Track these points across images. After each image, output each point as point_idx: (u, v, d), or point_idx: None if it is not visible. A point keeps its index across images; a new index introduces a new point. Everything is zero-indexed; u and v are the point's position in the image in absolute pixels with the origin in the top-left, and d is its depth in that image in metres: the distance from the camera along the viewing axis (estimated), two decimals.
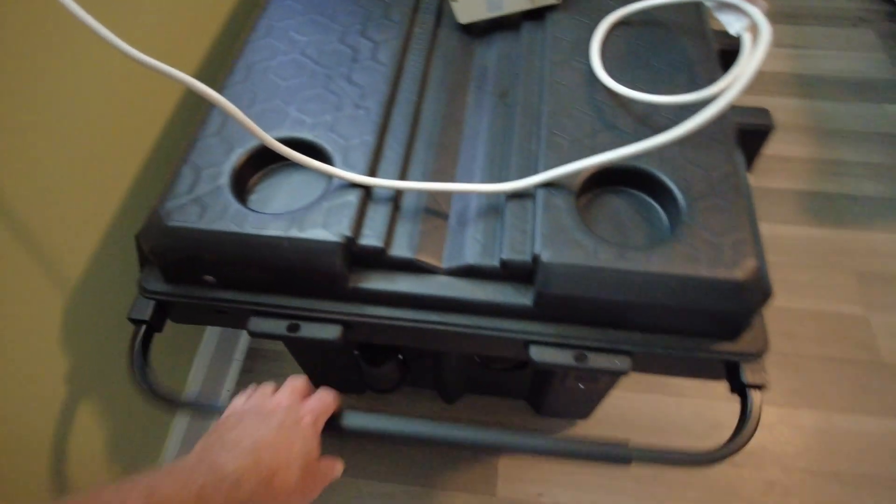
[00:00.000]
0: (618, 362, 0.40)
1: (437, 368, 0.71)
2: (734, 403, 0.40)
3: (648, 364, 0.42)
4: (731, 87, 0.44)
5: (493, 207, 0.45)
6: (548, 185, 0.43)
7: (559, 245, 0.40)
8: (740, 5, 0.48)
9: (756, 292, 0.39)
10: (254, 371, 0.85)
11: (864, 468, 0.77)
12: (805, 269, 0.93)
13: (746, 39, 0.47)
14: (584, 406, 0.76)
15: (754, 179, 1.03)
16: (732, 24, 0.49)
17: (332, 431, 0.40)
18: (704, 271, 0.38)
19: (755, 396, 0.40)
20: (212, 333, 0.78)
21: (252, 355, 0.86)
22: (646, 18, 0.55)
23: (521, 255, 0.41)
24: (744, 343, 0.41)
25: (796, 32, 1.27)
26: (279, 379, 0.40)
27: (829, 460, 0.78)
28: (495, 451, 0.78)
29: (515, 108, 0.51)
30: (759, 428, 0.82)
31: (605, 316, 0.41)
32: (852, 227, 0.97)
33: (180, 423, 0.70)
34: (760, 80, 1.18)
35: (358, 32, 0.55)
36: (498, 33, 0.59)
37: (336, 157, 0.46)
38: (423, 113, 0.51)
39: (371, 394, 0.82)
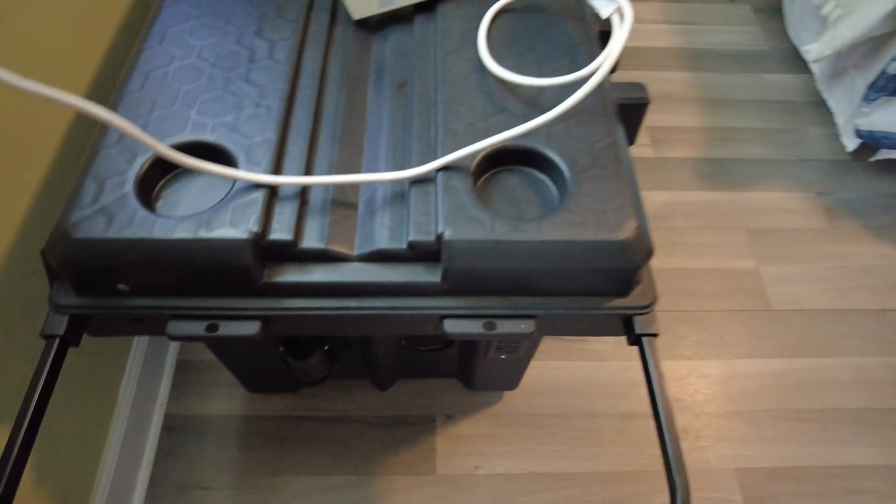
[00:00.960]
0: (523, 326, 0.44)
1: (366, 356, 0.73)
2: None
3: (553, 326, 0.46)
4: (601, 67, 0.49)
5: (399, 194, 0.47)
6: (446, 168, 0.46)
7: (460, 223, 0.43)
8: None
9: (639, 250, 0.44)
10: (187, 383, 0.84)
11: (764, 405, 0.86)
12: (703, 231, 1.01)
13: (615, 22, 0.52)
14: (511, 377, 0.81)
15: (655, 150, 1.11)
16: (602, 10, 0.53)
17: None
18: (591, 235, 0.43)
19: (650, 343, 0.44)
20: (138, 349, 0.77)
21: (183, 367, 0.86)
22: (530, 4, 0.59)
23: (427, 236, 0.44)
24: (634, 298, 0.45)
25: (683, 10, 1.37)
26: (213, 389, 0.41)
27: (733, 402, 0.86)
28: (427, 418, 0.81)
29: (413, 98, 0.53)
30: (671, 381, 0.89)
31: (508, 284, 0.44)
32: (741, 188, 1.07)
33: (115, 437, 0.70)
34: (655, 56, 1.27)
35: (254, 33, 0.56)
36: (392, 27, 0.61)
37: (240, 156, 0.47)
38: (324, 107, 0.53)
39: (306, 391, 0.84)
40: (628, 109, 0.54)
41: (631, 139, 0.57)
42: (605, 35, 0.59)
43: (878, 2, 0.94)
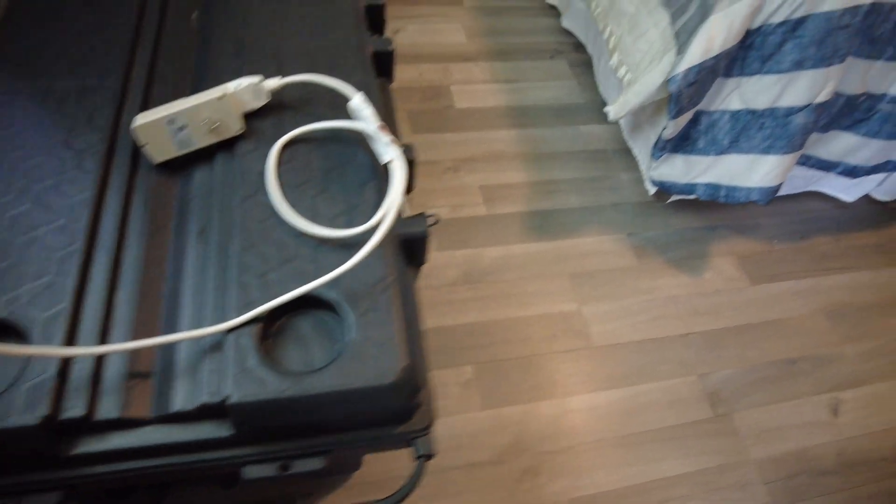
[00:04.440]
0: (316, 462, 0.48)
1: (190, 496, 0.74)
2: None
3: (346, 455, 0.50)
4: (382, 223, 0.53)
5: (194, 353, 0.49)
6: (238, 326, 0.49)
7: (245, 384, 0.46)
8: (379, 142, 0.57)
9: (409, 389, 0.48)
10: None
11: (593, 436, 0.96)
12: (532, 280, 1.10)
13: (392, 170, 0.57)
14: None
15: (487, 208, 1.19)
16: (382, 156, 0.58)
17: None
18: (365, 382, 0.47)
19: (425, 464, 0.50)
20: None
21: None
22: (324, 137, 0.63)
23: (216, 398, 0.46)
24: (414, 422, 0.50)
25: (509, 68, 1.47)
26: None
27: (567, 437, 0.95)
28: None
29: (211, 246, 0.55)
30: (510, 425, 0.95)
31: (298, 430, 0.48)
32: (565, 236, 1.17)
33: None
34: (486, 116, 1.35)
35: (51, 188, 0.56)
36: (196, 167, 0.63)
37: (32, 330, 0.47)
38: (123, 263, 0.54)
39: None
40: (411, 241, 0.59)
41: (419, 261, 0.62)
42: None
43: (654, 72, 1.07)
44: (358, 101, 0.62)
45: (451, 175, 1.24)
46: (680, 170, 1.09)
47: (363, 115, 0.61)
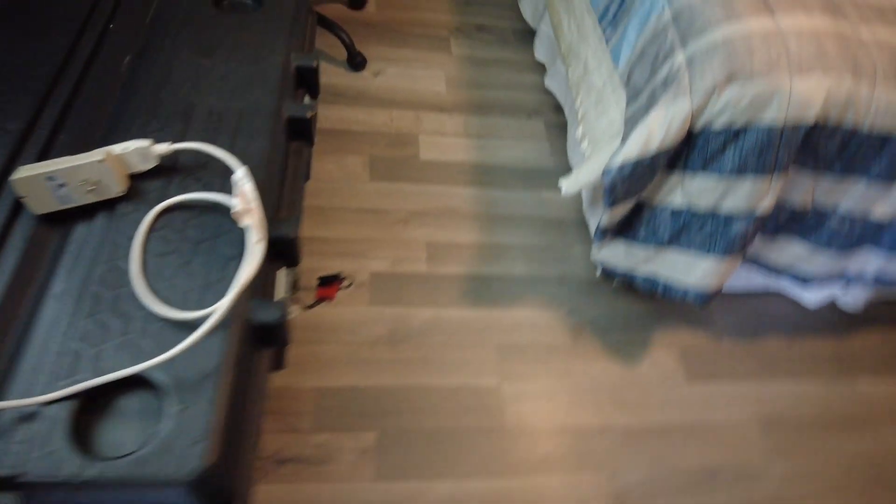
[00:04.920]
0: None
1: None
2: None
3: None
4: (216, 311, 0.54)
5: (12, 420, 0.51)
6: (57, 400, 0.50)
7: (43, 462, 0.47)
8: (244, 225, 0.59)
9: (213, 491, 0.49)
10: None
11: None
12: (458, 348, 1.10)
13: (246, 255, 0.58)
14: None
15: (429, 266, 1.20)
16: (249, 239, 0.59)
17: None
18: (161, 476, 0.48)
19: None
20: None
21: None
22: (205, 206, 0.64)
23: (12, 471, 0.47)
24: None
25: (483, 124, 1.48)
26: None
27: None
28: None
29: (65, 307, 0.57)
30: (399, 502, 0.95)
31: None
32: (501, 305, 1.17)
33: None
34: (449, 170, 1.37)
35: None
36: (77, 223, 0.64)
37: None
38: None
39: None
40: (260, 329, 0.60)
41: (278, 345, 0.63)
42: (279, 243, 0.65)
43: (603, 154, 1.07)
44: (239, 175, 0.63)
45: (401, 227, 1.25)
46: (621, 256, 1.08)
47: (240, 191, 0.62)
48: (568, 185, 1.14)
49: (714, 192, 0.94)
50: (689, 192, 0.96)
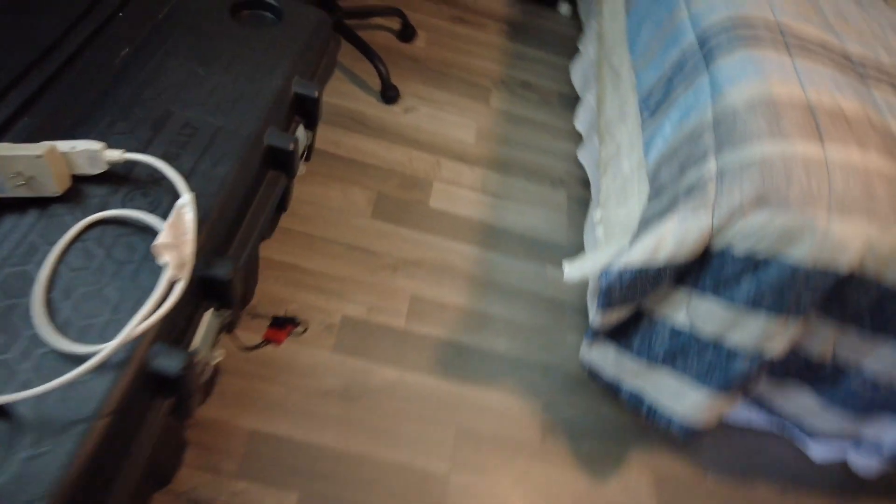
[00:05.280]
0: None
1: None
2: None
3: None
4: (101, 352, 0.48)
5: None
6: None
7: None
8: (162, 262, 0.53)
9: None
10: None
11: None
12: (414, 421, 1.02)
13: (155, 292, 0.52)
14: None
15: (407, 322, 1.13)
16: (162, 277, 0.54)
17: None
18: None
19: None
20: None
21: None
22: (143, 226, 0.59)
23: None
24: None
25: (503, 182, 1.42)
26: None
27: None
28: None
29: None
30: None
31: None
32: (473, 382, 1.09)
33: None
34: (454, 223, 1.31)
35: None
36: (8, 214, 0.60)
37: None
38: None
39: None
40: (168, 379, 0.54)
41: (185, 414, 0.57)
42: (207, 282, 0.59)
43: (614, 246, 0.99)
44: (181, 203, 0.58)
45: (388, 273, 1.18)
46: (610, 362, 1.00)
47: (174, 220, 0.57)
48: (571, 270, 1.07)
49: (721, 321, 0.85)
50: (695, 313, 0.88)
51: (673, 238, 0.81)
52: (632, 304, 0.90)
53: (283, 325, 1.00)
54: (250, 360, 1.01)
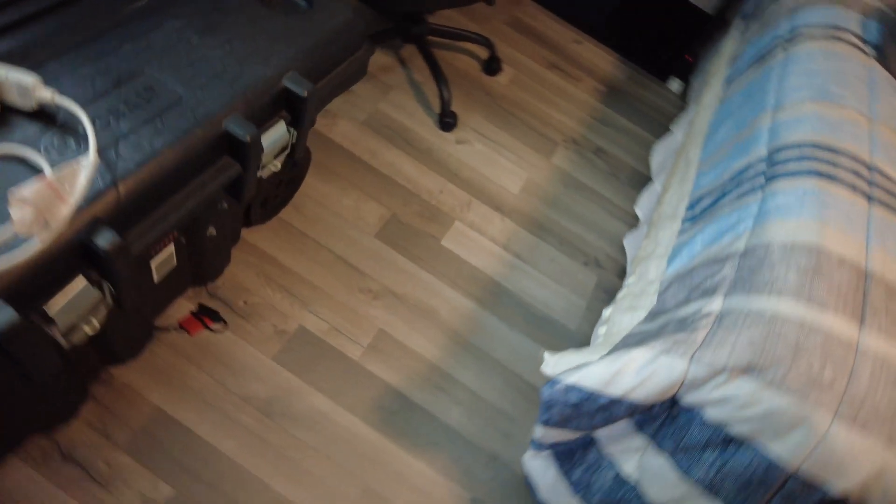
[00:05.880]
0: None
1: None
2: None
3: None
4: None
5: None
6: None
7: None
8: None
9: None
10: None
11: None
12: (323, 461, 0.96)
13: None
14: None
15: (363, 357, 1.06)
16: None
17: None
18: None
19: None
20: None
21: None
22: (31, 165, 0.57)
23: None
24: None
25: (531, 245, 1.33)
26: None
27: None
28: None
29: None
30: None
31: None
32: (405, 446, 1.01)
33: None
34: (461, 269, 1.23)
35: None
36: None
37: None
38: None
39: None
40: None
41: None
42: None
43: (593, 354, 0.88)
44: (84, 163, 0.55)
45: (366, 298, 1.13)
46: (549, 482, 0.88)
47: (65, 172, 0.54)
48: (549, 362, 0.96)
49: (670, 491, 0.72)
50: (646, 468, 0.75)
51: (636, 372, 0.70)
52: (575, 430, 0.78)
53: (204, 315, 0.97)
54: (190, 342, 0.99)
